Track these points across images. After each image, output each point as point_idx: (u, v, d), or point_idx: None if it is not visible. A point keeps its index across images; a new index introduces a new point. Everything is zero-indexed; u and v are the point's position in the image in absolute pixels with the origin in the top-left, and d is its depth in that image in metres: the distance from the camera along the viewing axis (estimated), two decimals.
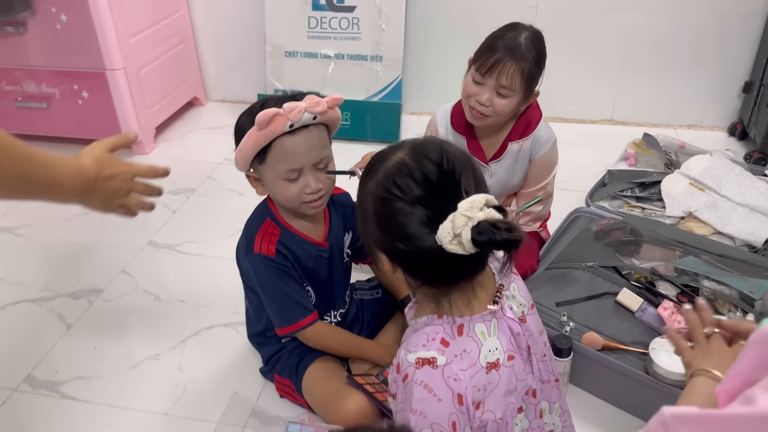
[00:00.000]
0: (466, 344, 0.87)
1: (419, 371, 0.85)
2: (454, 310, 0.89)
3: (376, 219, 0.86)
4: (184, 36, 2.73)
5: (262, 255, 1.29)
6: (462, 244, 0.78)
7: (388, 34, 2.49)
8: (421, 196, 0.82)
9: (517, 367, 0.91)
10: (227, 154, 2.54)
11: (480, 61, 1.51)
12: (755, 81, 2.36)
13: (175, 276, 1.90)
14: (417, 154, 0.86)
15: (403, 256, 0.85)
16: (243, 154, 1.24)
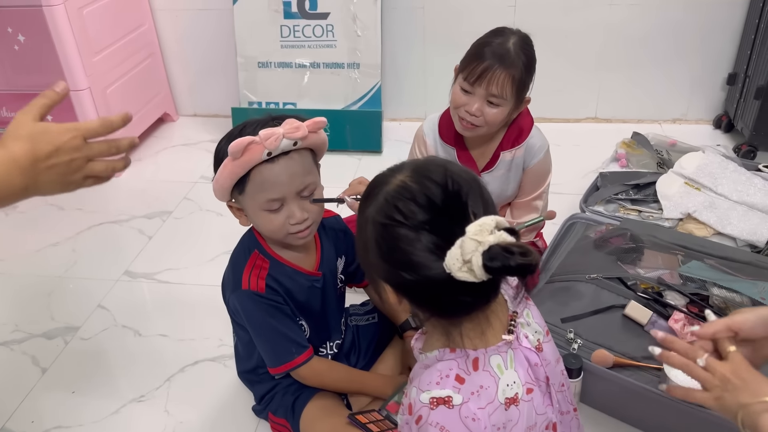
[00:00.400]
0: (483, 380, 0.81)
1: (434, 412, 0.79)
2: (466, 342, 0.82)
3: (378, 247, 0.79)
4: (150, 50, 2.61)
5: (251, 291, 1.20)
6: (473, 271, 0.72)
7: (365, 41, 2.40)
8: (426, 221, 0.76)
9: (537, 401, 0.85)
10: (203, 172, 2.44)
11: (468, 69, 1.43)
12: (739, 72, 2.33)
13: (154, 308, 1.79)
14: (419, 176, 0.80)
15: (409, 287, 0.79)
16: (220, 185, 1.15)
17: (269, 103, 2.53)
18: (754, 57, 2.20)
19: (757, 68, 2.18)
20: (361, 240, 0.84)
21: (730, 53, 2.40)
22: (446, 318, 0.82)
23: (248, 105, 2.54)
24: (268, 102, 2.54)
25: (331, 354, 1.37)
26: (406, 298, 0.81)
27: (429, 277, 0.75)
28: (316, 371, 1.26)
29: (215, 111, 2.85)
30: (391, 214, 0.78)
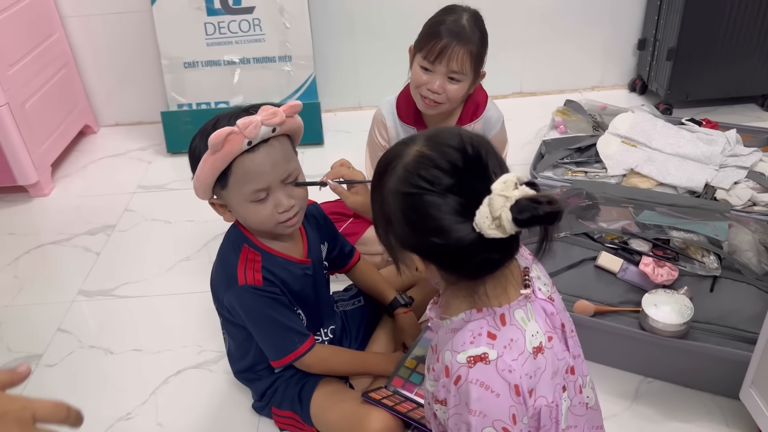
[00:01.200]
0: (512, 333, 0.84)
1: (473, 370, 0.82)
2: (492, 300, 0.85)
3: (405, 218, 0.81)
4: (64, 60, 2.47)
5: (249, 285, 1.18)
6: (503, 227, 0.74)
7: (294, 32, 2.38)
8: (452, 185, 0.78)
9: (556, 347, 0.89)
10: (139, 181, 2.34)
11: (426, 48, 1.46)
12: (648, 37, 2.50)
13: (121, 324, 1.71)
14: (435, 144, 0.82)
15: (439, 252, 0.81)
16: (202, 182, 1.12)
17: (200, 104, 2.46)
18: (662, 22, 2.38)
19: (665, 32, 2.36)
20: (381, 215, 0.85)
21: (637, 20, 2.58)
22: (474, 278, 0.84)
23: (178, 108, 2.46)
24: (199, 103, 2.46)
25: (327, 340, 1.38)
26: (436, 264, 0.83)
27: (459, 239, 0.77)
28: (321, 357, 1.26)
29: (139, 118, 2.73)
30: (416, 183, 0.79)
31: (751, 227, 1.53)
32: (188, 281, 1.83)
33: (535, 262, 0.97)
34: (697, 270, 1.46)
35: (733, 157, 1.85)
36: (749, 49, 2.28)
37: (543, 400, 0.85)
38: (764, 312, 1.19)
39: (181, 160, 2.46)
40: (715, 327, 1.35)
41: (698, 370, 1.35)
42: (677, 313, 1.32)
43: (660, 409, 1.36)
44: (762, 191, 1.75)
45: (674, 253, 1.48)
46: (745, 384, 1.23)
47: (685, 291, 1.39)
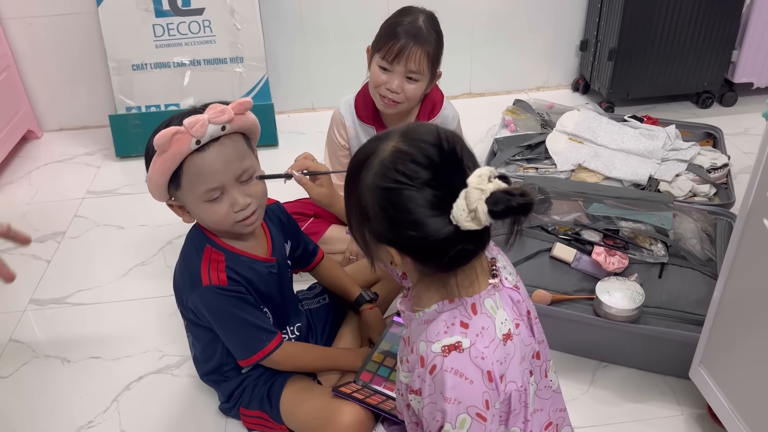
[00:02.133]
0: (483, 321, 0.87)
1: (447, 359, 0.84)
2: (462, 291, 0.88)
3: (382, 212, 0.82)
4: (5, 64, 2.38)
5: (213, 286, 1.18)
6: (478, 218, 0.77)
7: (246, 34, 2.37)
8: (429, 179, 0.79)
9: (523, 333, 0.93)
10: (88, 186, 2.28)
11: (385, 48, 1.49)
12: (590, 39, 2.61)
13: (76, 332, 1.67)
14: (412, 140, 0.83)
15: (416, 244, 0.82)
16: (154, 184, 1.12)
17: (149, 107, 2.42)
18: (602, 23, 2.48)
19: (606, 33, 2.46)
20: (357, 210, 0.86)
21: (579, 22, 2.68)
22: (448, 270, 0.86)
23: (126, 111, 2.41)
24: (148, 105, 2.42)
25: (293, 338, 1.38)
26: (411, 257, 0.85)
27: (436, 232, 0.79)
28: (290, 354, 1.27)
29: (84, 122, 2.66)
30: (393, 177, 0.80)
31: (693, 216, 1.62)
32: (145, 286, 1.80)
33: (500, 252, 1.01)
34: (646, 258, 1.53)
35: (674, 151, 1.95)
36: (685, 49, 2.40)
37: (513, 384, 0.88)
38: (709, 295, 1.27)
39: (130, 164, 2.41)
40: (664, 311, 1.42)
41: (650, 352, 1.42)
42: (629, 299, 1.39)
43: (616, 391, 1.42)
44: (701, 183, 1.85)
45: (624, 243, 1.55)
46: (694, 363, 1.30)
47: (635, 278, 1.46)
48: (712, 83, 2.52)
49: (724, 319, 1.20)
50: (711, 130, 2.14)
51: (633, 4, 2.30)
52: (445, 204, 0.78)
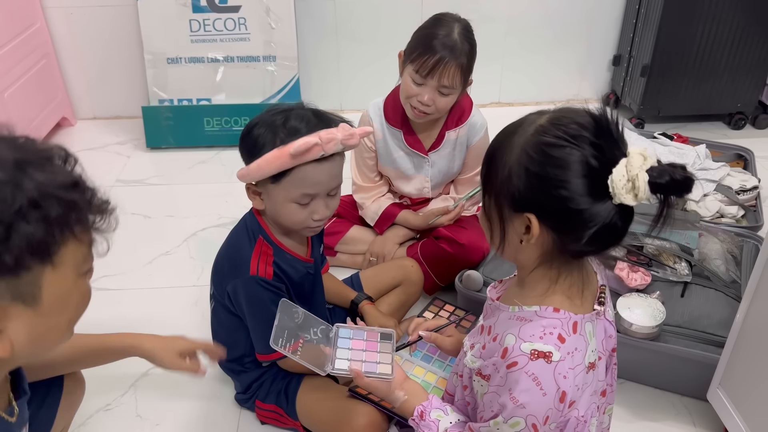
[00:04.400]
0: (578, 343, 0.84)
1: (532, 363, 0.82)
2: (569, 304, 0.85)
3: (535, 169, 0.78)
4: (44, 51, 2.44)
5: (259, 277, 1.19)
6: (636, 189, 0.73)
7: (280, 33, 2.40)
8: (591, 141, 0.76)
9: (600, 369, 0.90)
10: (118, 175, 2.33)
11: (418, 62, 1.48)
12: (623, 54, 2.59)
13: (100, 316, 1.66)
14: (570, 110, 0.81)
15: (562, 208, 0.77)
16: (261, 172, 1.12)
17: (181, 100, 2.46)
18: (636, 39, 2.47)
19: (640, 49, 2.45)
20: (500, 174, 0.81)
21: (613, 37, 2.67)
22: (580, 255, 0.83)
23: (159, 103, 2.45)
24: (180, 99, 2.46)
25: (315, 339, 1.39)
26: (551, 226, 0.80)
27: (588, 195, 0.75)
28: (308, 359, 1.27)
29: (117, 112, 2.71)
30: (555, 134, 0.77)
31: (719, 237, 1.60)
32: (168, 275, 1.83)
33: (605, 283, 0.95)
34: (669, 276, 1.52)
35: (703, 171, 1.93)
36: (719, 69, 2.38)
37: (575, 411, 0.85)
38: (732, 317, 1.25)
39: (160, 156, 2.45)
40: (685, 330, 1.41)
41: (668, 371, 1.41)
42: (650, 316, 1.38)
43: (631, 409, 1.41)
44: (729, 204, 1.83)
45: (647, 259, 1.53)
46: (713, 385, 1.29)
47: (657, 295, 1.44)
48: (746, 105, 2.49)
49: (746, 343, 1.19)
50: (742, 151, 2.12)
51: (669, 22, 2.28)
52: (603, 169, 0.75)
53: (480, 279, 1.57)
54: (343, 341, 1.13)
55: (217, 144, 2.47)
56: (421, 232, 1.79)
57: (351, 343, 1.13)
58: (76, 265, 0.74)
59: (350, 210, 1.85)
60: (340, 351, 1.10)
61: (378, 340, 1.14)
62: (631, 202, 0.75)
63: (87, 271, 0.78)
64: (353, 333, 1.15)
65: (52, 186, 0.68)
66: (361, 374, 1.04)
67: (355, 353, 1.11)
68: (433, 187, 1.76)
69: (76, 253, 0.73)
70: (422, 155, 1.68)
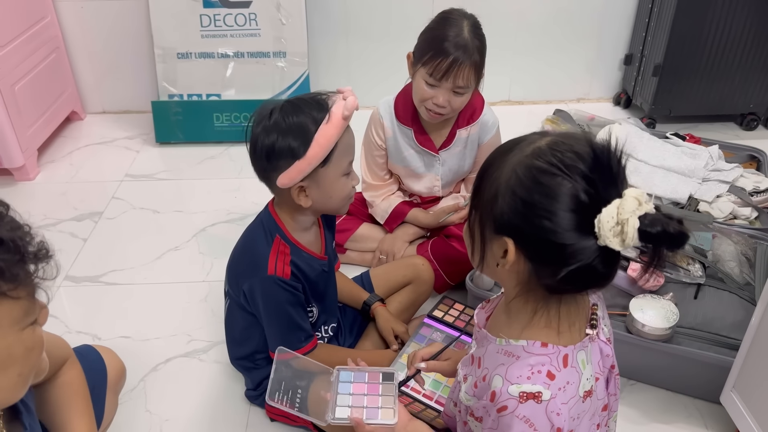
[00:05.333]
0: (570, 376, 0.80)
1: (522, 406, 0.78)
2: (557, 336, 0.81)
3: (523, 192, 0.74)
4: (55, 44, 2.44)
5: (277, 277, 1.18)
6: (624, 234, 0.69)
7: (290, 29, 2.39)
8: (586, 174, 0.71)
9: (599, 388, 0.86)
10: (127, 169, 2.32)
11: (431, 65, 1.47)
12: (635, 53, 2.57)
13: (109, 311, 1.70)
14: (571, 137, 0.76)
15: (541, 239, 0.73)
16: (316, 157, 1.12)
17: (191, 95, 2.45)
18: (649, 38, 2.45)
19: (652, 49, 2.43)
20: (487, 191, 0.78)
21: (625, 36, 2.65)
22: (557, 292, 0.79)
23: (168, 98, 2.45)
24: (190, 94, 2.45)
25: (327, 337, 1.38)
26: (528, 256, 0.76)
27: (572, 234, 0.71)
28: (319, 359, 1.26)
29: (126, 107, 2.71)
30: (550, 161, 0.73)
31: (733, 239, 1.59)
32: (177, 270, 1.83)
33: (600, 298, 0.92)
34: (683, 277, 1.51)
35: (716, 172, 1.92)
36: (732, 69, 2.36)
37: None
38: (746, 319, 1.24)
39: (169, 150, 2.45)
40: (698, 332, 1.40)
41: (680, 373, 1.40)
42: (663, 317, 1.37)
43: (643, 410, 1.40)
44: (743, 205, 1.82)
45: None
46: (726, 388, 1.28)
47: (670, 297, 1.43)
48: (759, 105, 2.47)
49: (761, 345, 1.18)
50: (755, 152, 2.10)
51: (682, 21, 2.26)
52: (593, 206, 0.71)
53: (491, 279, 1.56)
54: (343, 386, 1.10)
55: (226, 139, 2.47)
56: (431, 231, 1.78)
57: (352, 387, 1.10)
58: (14, 322, 0.71)
59: (360, 208, 1.84)
60: (341, 397, 1.08)
61: (380, 382, 1.11)
62: (617, 247, 0.70)
63: (32, 322, 0.75)
64: (354, 376, 1.12)
65: None
66: (362, 423, 1.01)
67: (356, 398, 1.08)
68: (443, 186, 1.75)
69: (12, 311, 0.70)
70: (433, 153, 1.67)
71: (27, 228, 0.73)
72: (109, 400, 1.18)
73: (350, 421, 1.03)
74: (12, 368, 0.74)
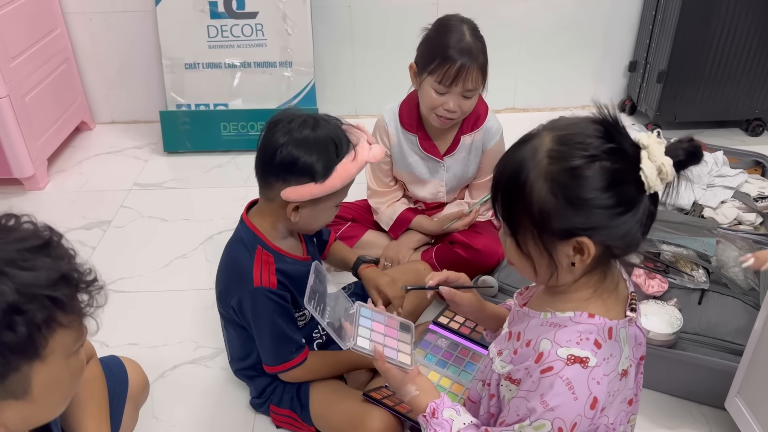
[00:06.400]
0: (613, 349, 0.84)
1: (568, 368, 0.81)
2: (604, 309, 0.85)
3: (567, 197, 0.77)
4: (65, 56, 2.48)
5: (264, 288, 1.20)
6: (664, 173, 0.75)
7: (296, 39, 2.42)
8: (605, 147, 0.76)
9: (631, 376, 0.90)
10: (135, 178, 2.35)
11: (439, 73, 1.49)
12: (639, 60, 2.58)
13: (116, 318, 1.71)
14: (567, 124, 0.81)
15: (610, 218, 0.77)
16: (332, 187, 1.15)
17: (199, 105, 2.48)
18: (653, 45, 2.46)
19: (656, 56, 2.43)
20: (529, 215, 0.80)
21: (629, 43, 2.66)
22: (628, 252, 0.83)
23: (176, 108, 2.48)
24: (198, 104, 2.48)
25: (320, 342, 1.39)
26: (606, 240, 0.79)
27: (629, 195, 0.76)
28: (310, 370, 1.29)
29: (135, 117, 2.74)
30: (570, 155, 0.77)
31: (737, 244, 1.59)
32: (184, 278, 1.85)
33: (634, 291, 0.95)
34: (686, 283, 1.51)
35: (720, 178, 1.92)
36: (737, 75, 2.36)
37: (605, 419, 0.85)
38: (750, 325, 1.24)
39: (177, 160, 2.48)
40: (702, 338, 1.40)
41: (685, 379, 1.40)
42: (667, 323, 1.37)
43: (648, 416, 1.40)
44: (747, 211, 1.82)
45: (664, 266, 1.53)
46: (731, 393, 1.28)
47: (674, 302, 1.44)
48: (764, 111, 2.47)
49: (765, 351, 1.18)
50: (760, 158, 2.10)
51: (685, 27, 2.27)
52: (630, 168, 0.76)
53: (495, 284, 1.57)
54: (364, 320, 1.12)
55: (233, 148, 2.49)
56: (435, 237, 1.79)
57: (372, 324, 1.12)
58: (66, 349, 0.73)
59: (365, 214, 1.85)
60: (362, 329, 1.09)
61: (398, 329, 1.14)
62: (661, 188, 0.77)
63: (78, 347, 0.77)
64: (373, 314, 1.14)
65: (36, 286, 0.66)
66: (383, 356, 1.03)
67: (376, 335, 1.10)
68: (448, 192, 1.76)
69: (66, 339, 0.72)
70: (437, 159, 1.69)
71: (74, 253, 0.76)
72: (128, 411, 1.19)
73: (372, 352, 1.04)
74: (59, 392, 0.77)
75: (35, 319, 0.66)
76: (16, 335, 0.65)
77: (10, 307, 0.64)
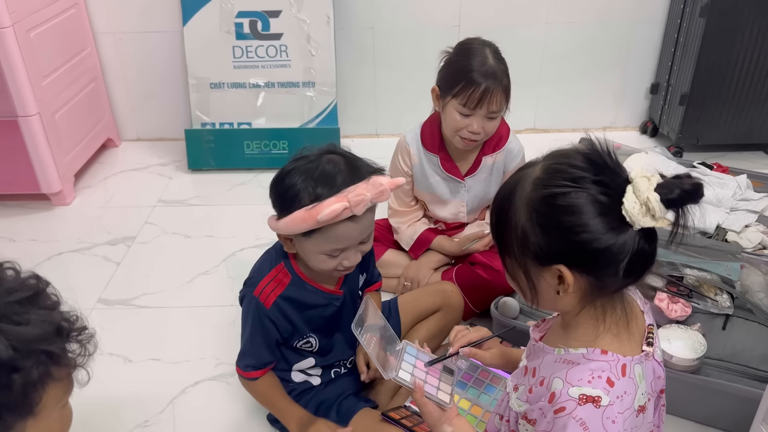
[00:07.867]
0: (627, 386, 0.83)
1: (581, 408, 0.80)
2: (617, 345, 0.84)
3: (548, 223, 0.79)
4: (93, 75, 2.53)
5: (259, 301, 1.23)
6: (652, 210, 0.73)
7: (319, 60, 2.46)
8: (592, 178, 0.76)
9: (649, 411, 0.88)
10: (160, 195, 2.39)
11: (464, 96, 1.50)
12: (661, 82, 2.58)
13: (139, 333, 1.74)
14: (560, 155, 0.81)
15: (589, 251, 0.77)
16: (289, 230, 1.14)
17: (223, 124, 2.52)
18: (675, 68, 2.45)
19: (679, 78, 2.43)
20: (515, 239, 0.82)
21: (651, 65, 2.66)
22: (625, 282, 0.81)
23: (201, 126, 2.52)
24: (222, 122, 2.52)
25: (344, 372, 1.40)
26: (584, 271, 0.79)
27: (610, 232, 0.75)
28: (257, 391, 1.33)
29: (161, 134, 2.79)
30: (555, 183, 0.77)
31: (762, 269, 1.58)
32: (207, 295, 1.87)
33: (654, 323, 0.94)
34: (710, 308, 1.49)
35: (744, 201, 1.91)
36: (761, 98, 2.35)
37: None
38: None
39: (201, 177, 2.52)
40: (727, 364, 1.38)
41: (709, 406, 1.38)
42: (690, 348, 1.36)
43: None
44: None
45: (688, 290, 1.52)
46: (756, 420, 1.26)
47: (698, 327, 1.42)
48: None
49: None
50: None
51: (708, 50, 2.27)
52: (613, 202, 0.76)
53: (516, 306, 1.56)
54: (408, 357, 1.14)
55: (256, 166, 2.53)
56: (456, 258, 1.80)
57: (416, 361, 1.14)
58: (58, 401, 0.73)
59: (385, 234, 1.86)
60: (405, 364, 1.11)
61: (441, 370, 1.15)
62: (651, 224, 0.75)
63: (68, 398, 0.76)
64: (418, 354, 1.17)
65: (32, 341, 0.65)
66: (422, 388, 1.04)
67: (418, 372, 1.12)
68: (468, 212, 1.77)
69: (58, 392, 0.71)
70: (458, 180, 1.70)
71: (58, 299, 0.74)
72: None
73: (412, 385, 1.06)
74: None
75: (31, 376, 0.65)
76: (12, 394, 0.63)
77: (6, 365, 0.62)
